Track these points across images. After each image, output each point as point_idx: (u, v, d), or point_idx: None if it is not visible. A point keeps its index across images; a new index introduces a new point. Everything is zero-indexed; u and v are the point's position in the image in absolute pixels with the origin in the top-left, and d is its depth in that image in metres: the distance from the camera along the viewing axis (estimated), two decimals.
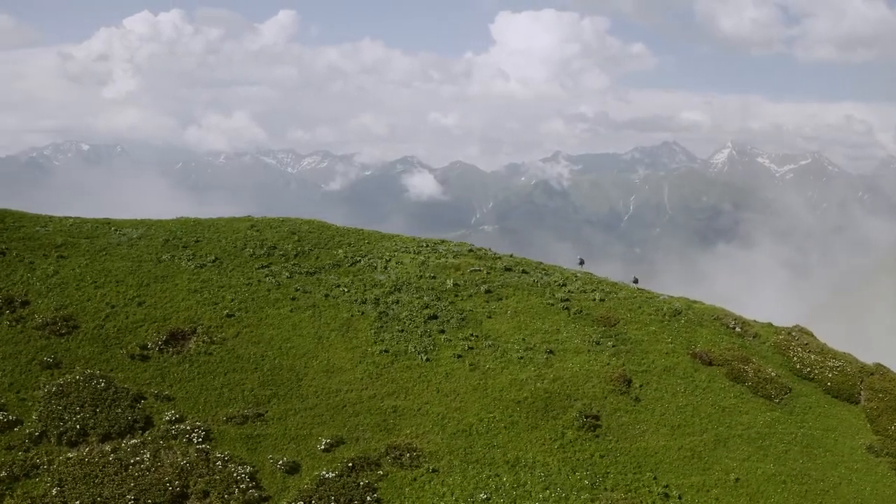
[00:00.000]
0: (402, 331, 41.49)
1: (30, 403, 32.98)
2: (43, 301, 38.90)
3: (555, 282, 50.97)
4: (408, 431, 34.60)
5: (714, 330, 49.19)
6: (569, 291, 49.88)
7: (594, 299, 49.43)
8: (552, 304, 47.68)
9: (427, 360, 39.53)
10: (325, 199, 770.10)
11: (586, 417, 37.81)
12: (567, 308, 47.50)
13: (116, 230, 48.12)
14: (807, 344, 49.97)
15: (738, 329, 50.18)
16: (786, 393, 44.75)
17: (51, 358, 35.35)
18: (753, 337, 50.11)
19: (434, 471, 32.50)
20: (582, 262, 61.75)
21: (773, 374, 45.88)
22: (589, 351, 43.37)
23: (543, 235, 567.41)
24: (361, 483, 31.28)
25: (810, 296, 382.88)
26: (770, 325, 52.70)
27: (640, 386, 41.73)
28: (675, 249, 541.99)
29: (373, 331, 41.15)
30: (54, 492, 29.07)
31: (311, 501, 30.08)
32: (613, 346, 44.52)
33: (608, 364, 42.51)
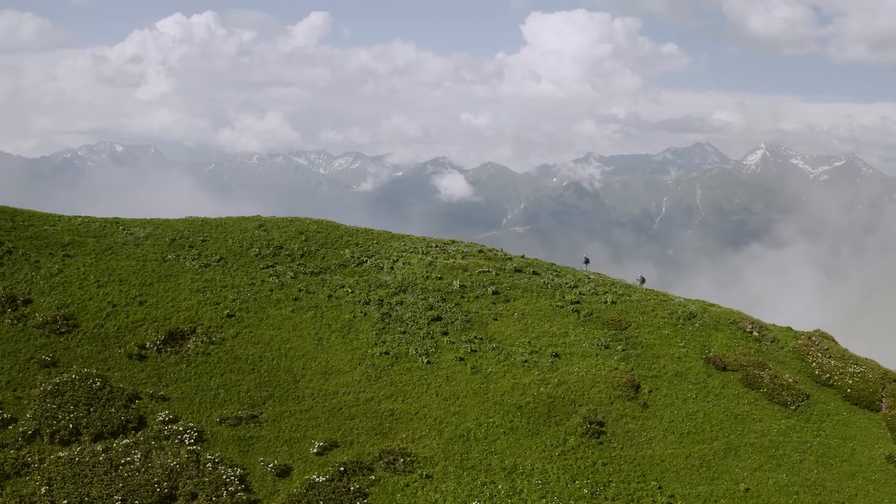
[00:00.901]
0: (405, 332, 40.81)
1: (25, 402, 32.94)
2: (45, 299, 39.01)
3: (566, 284, 49.87)
4: (403, 436, 33.88)
5: (730, 334, 47.66)
6: (580, 294, 48.74)
7: (605, 302, 48.22)
8: (561, 307, 46.61)
9: (428, 362, 38.78)
10: (357, 200, 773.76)
11: (590, 424, 36.72)
12: (577, 311, 46.39)
13: (125, 229, 48.25)
14: (827, 349, 48.15)
15: (755, 333, 48.56)
16: (803, 400, 43.11)
17: (49, 356, 35.35)
18: (771, 341, 48.44)
19: (427, 477, 31.71)
20: (587, 262, 60.36)
21: (790, 380, 44.25)
22: (597, 355, 42.24)
23: (574, 237, 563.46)
24: (352, 488, 30.62)
25: (844, 298, 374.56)
26: (789, 329, 50.94)
27: (649, 391, 40.49)
28: (708, 251, 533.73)
29: (374, 332, 40.53)
30: (43, 491, 28.89)
31: None
32: (623, 349, 43.32)
33: (616, 369, 41.33)
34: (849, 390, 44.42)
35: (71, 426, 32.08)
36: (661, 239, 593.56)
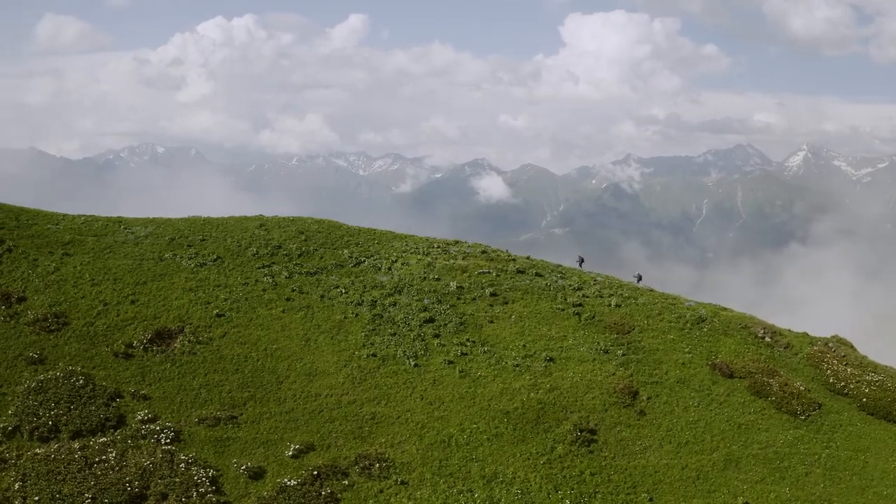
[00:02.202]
0: (395, 334, 40.04)
1: (10, 398, 33.07)
2: (39, 297, 39.27)
3: (569, 285, 48.54)
4: (383, 440, 33.09)
5: (740, 339, 45.78)
6: (583, 296, 47.37)
7: (609, 305, 46.76)
8: (562, 309, 45.32)
9: (415, 365, 37.94)
10: (396, 201, 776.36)
11: (581, 431, 35.42)
12: (578, 313, 45.04)
13: (126, 228, 48.49)
14: (844, 356, 45.91)
15: (767, 339, 46.57)
16: (814, 409, 41.09)
17: (36, 354, 35.49)
18: (785, 347, 46.40)
19: (403, 483, 30.87)
20: (581, 261, 58.74)
21: (801, 388, 42.25)
22: (594, 360, 40.87)
23: (613, 239, 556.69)
24: (324, 493, 29.95)
25: (883, 301, 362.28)
26: (805, 334, 48.77)
27: (648, 398, 39.00)
28: (749, 254, 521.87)
29: (363, 334, 39.86)
30: (17, 486, 28.87)
31: None
32: (623, 354, 41.86)
33: (614, 374, 39.91)
34: (864, 399, 42.22)
35: (50, 423, 32.09)
36: (700, 241, 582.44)
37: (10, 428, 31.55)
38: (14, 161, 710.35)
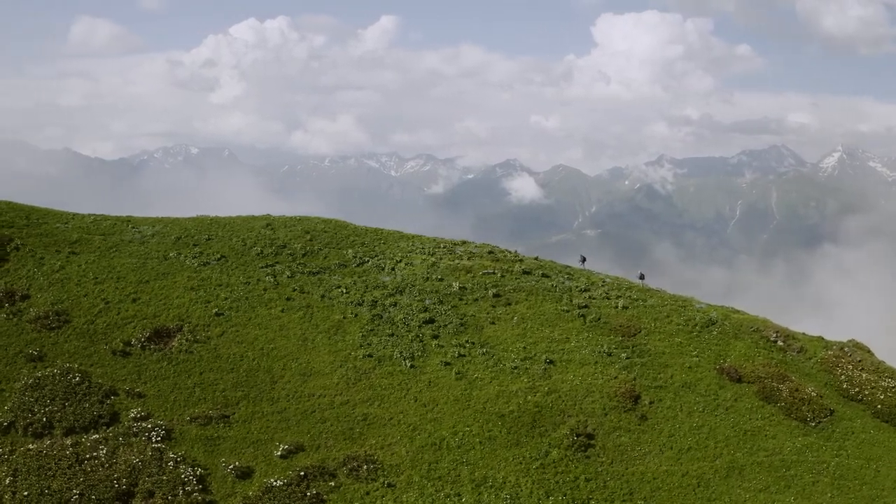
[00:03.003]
0: (393, 335, 39.70)
1: (7, 394, 33.49)
2: (42, 295, 39.75)
3: (576, 287, 47.72)
4: (373, 442, 32.76)
5: (751, 343, 44.53)
6: (589, 297, 46.54)
7: (616, 307, 45.85)
8: (567, 311, 44.56)
9: (411, 366, 37.56)
10: (427, 202, 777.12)
11: (577, 436, 34.68)
12: (583, 315, 44.24)
13: (133, 228, 48.92)
14: (860, 361, 44.39)
15: (779, 342, 45.23)
16: (826, 416, 39.75)
17: (36, 351, 35.91)
18: (798, 351, 45.02)
19: (390, 486, 30.50)
20: (583, 260, 57.68)
21: (813, 393, 40.92)
22: (596, 363, 40.06)
23: (646, 240, 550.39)
24: (309, 493, 29.74)
25: None
26: (820, 338, 47.28)
27: (650, 403, 38.08)
28: (782, 255, 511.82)
29: (361, 334, 39.59)
30: (7, 481, 29.19)
31: None
32: (627, 357, 40.97)
33: (616, 378, 39.07)
34: (879, 406, 40.74)
35: (45, 419, 32.42)
36: (734, 243, 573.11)
37: (5, 424, 31.94)
38: (49, 161, 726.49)
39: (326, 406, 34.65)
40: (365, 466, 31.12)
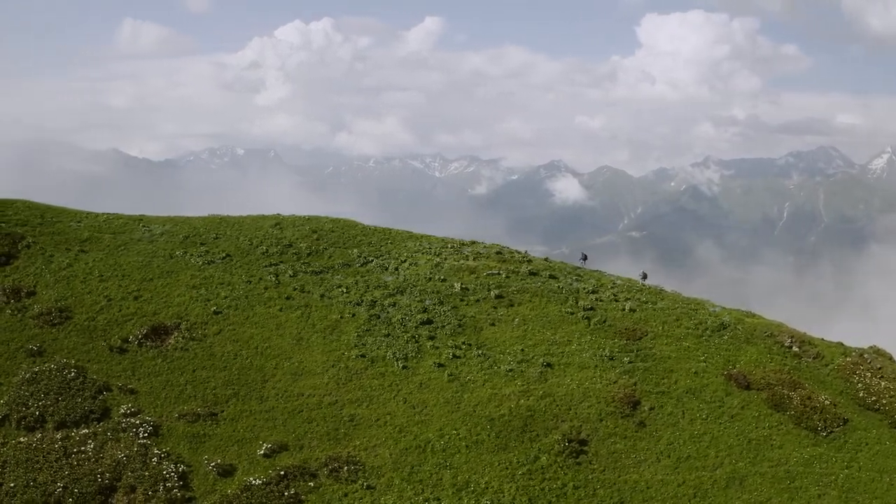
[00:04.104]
0: (388, 335, 39.34)
1: (4, 388, 34.16)
2: (48, 292, 40.52)
3: (584, 289, 46.67)
4: (357, 443, 32.44)
5: (763, 348, 42.90)
6: (596, 300, 45.46)
7: (623, 309, 44.68)
8: (572, 313, 43.57)
9: (404, 367, 37.13)
10: (471, 203, 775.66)
11: (569, 442, 33.78)
12: (588, 318, 43.23)
13: (144, 227, 49.60)
14: (880, 368, 42.37)
15: (794, 348, 43.48)
16: (838, 425, 38.02)
17: (36, 346, 36.59)
18: (814, 358, 43.21)
19: (369, 487, 30.13)
20: (584, 259, 56.32)
21: (826, 402, 39.20)
22: (596, 366, 39.04)
23: (692, 242, 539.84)
24: (287, 493, 29.57)
25: None
26: (840, 344, 45.33)
27: (650, 409, 36.93)
28: (830, 257, 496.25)
29: (356, 334, 39.33)
30: None
31: None
32: (630, 362, 39.84)
33: (615, 382, 38.00)
34: None
35: (38, 413, 32.96)
36: (782, 245, 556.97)
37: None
38: (97, 162, 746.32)
39: (314, 406, 34.47)
40: (346, 467, 30.82)
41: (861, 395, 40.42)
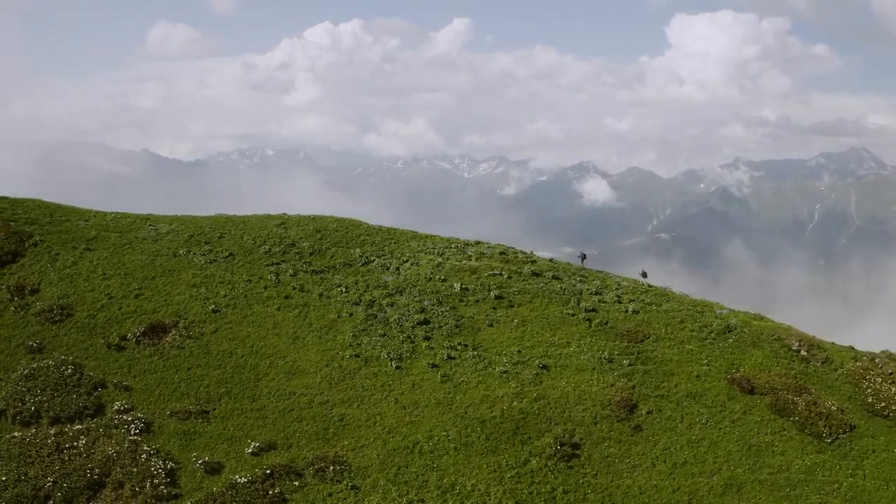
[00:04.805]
0: (384, 335, 39.19)
1: (3, 384, 34.70)
2: (50, 290, 41.09)
3: (587, 290, 46.05)
4: (346, 443, 32.32)
5: (770, 352, 41.89)
6: (600, 301, 44.83)
7: (626, 311, 43.97)
8: (573, 315, 43.00)
9: (397, 367, 36.93)
10: (500, 204, 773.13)
11: (561, 445, 33.28)
12: (589, 319, 42.63)
13: (151, 226, 50.09)
14: (891, 373, 41.08)
15: (803, 352, 42.40)
16: (845, 431, 36.95)
17: (36, 343, 37.11)
18: (823, 362, 42.08)
19: (354, 488, 29.98)
20: (583, 257, 55.46)
21: (833, 407, 38.15)
22: (594, 369, 38.45)
23: (722, 244, 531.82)
24: (272, 492, 29.57)
25: None
26: (851, 348, 44.10)
27: (648, 413, 36.25)
28: (861, 260, 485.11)
29: (352, 333, 39.24)
30: None
31: None
32: (629, 364, 39.18)
33: (612, 385, 37.39)
34: None
35: (33, 409, 33.44)
36: (812, 247, 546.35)
37: None
38: (127, 162, 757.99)
39: (305, 405, 34.45)
40: (332, 467, 30.72)
41: (870, 400, 39.25)
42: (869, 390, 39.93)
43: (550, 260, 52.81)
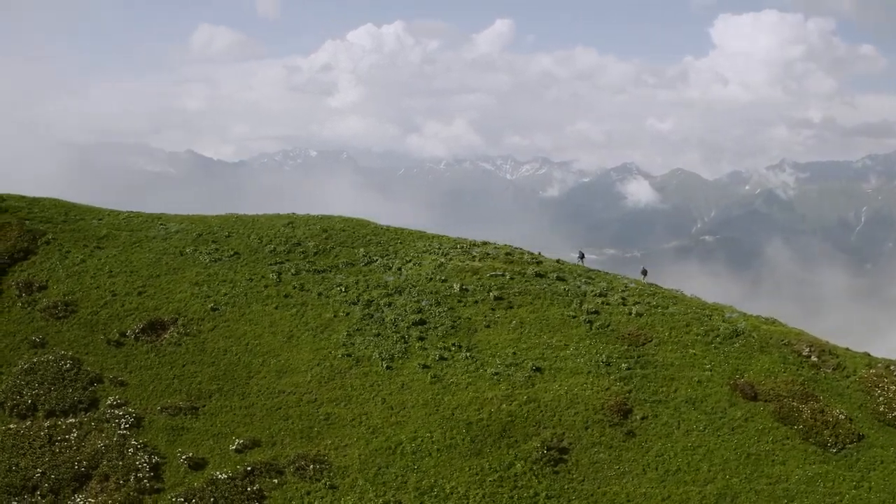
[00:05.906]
0: (378, 335, 39.09)
1: (5, 377, 35.65)
2: (58, 286, 42.07)
3: (591, 291, 45.25)
4: (329, 442, 32.29)
5: (777, 357, 40.55)
6: (603, 303, 43.98)
7: (629, 313, 43.05)
8: (574, 316, 42.29)
9: (388, 368, 36.78)
10: (542, 205, 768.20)
11: (548, 449, 32.70)
12: (590, 321, 41.86)
13: (161, 224, 50.91)
14: None
15: (813, 358, 40.94)
16: (852, 441, 35.52)
17: (39, 338, 38.04)
18: (834, 369, 40.56)
19: (332, 487, 29.92)
20: (582, 256, 54.31)
21: (841, 416, 36.74)
22: (590, 372, 37.72)
23: (767, 246, 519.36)
24: (251, 489, 29.71)
25: None
26: (866, 355, 42.39)
27: (642, 418, 35.40)
28: None
29: (347, 333, 39.24)
30: None
31: (192, 500, 29.12)
32: (628, 368, 38.33)
33: (607, 389, 36.62)
34: None
35: (30, 402, 34.30)
36: (859, 251, 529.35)
37: None
38: (173, 163, 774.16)
39: (293, 404, 34.56)
40: (312, 466, 30.73)
41: (881, 409, 37.68)
42: (881, 398, 38.35)
43: (557, 261, 52.05)
